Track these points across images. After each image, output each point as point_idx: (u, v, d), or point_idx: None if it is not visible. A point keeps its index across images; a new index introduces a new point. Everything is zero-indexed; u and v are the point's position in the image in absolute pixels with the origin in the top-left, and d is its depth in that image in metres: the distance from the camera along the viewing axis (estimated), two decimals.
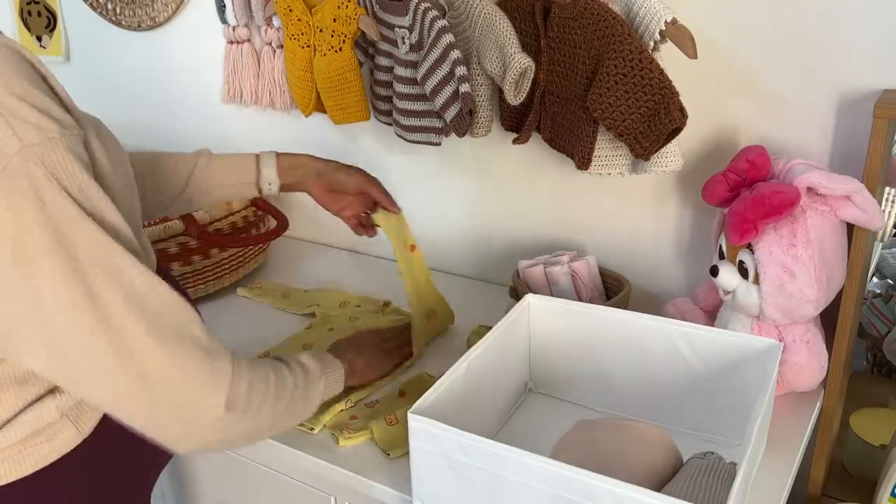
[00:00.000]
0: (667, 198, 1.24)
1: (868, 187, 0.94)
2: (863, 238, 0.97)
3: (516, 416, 1.06)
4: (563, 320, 1.04)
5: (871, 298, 1.16)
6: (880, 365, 1.20)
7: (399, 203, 1.21)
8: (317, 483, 1.04)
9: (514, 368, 1.06)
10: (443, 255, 1.52)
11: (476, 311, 1.33)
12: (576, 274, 1.20)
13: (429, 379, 1.11)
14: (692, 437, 0.98)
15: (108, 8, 1.74)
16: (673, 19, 1.01)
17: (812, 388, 1.04)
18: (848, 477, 1.13)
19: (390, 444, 0.97)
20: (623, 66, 1.02)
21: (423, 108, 1.24)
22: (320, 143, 1.58)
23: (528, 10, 1.15)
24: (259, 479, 1.12)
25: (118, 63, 1.82)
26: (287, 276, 1.50)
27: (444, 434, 0.79)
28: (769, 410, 0.91)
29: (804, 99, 1.07)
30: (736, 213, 0.97)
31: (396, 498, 0.92)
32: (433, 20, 1.14)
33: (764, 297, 0.98)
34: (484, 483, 0.79)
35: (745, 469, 0.74)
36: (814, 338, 1.02)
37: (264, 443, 1.03)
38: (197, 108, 1.73)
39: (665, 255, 1.28)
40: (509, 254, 1.43)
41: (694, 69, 1.04)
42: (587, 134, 1.12)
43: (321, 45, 1.32)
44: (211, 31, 1.60)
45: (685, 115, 1.01)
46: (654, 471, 0.79)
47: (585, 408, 1.06)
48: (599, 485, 0.70)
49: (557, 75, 1.14)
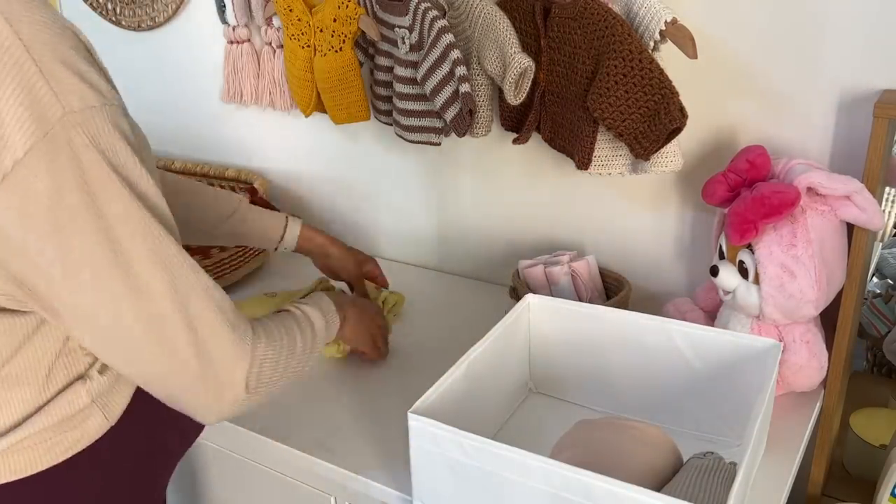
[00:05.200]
0: (667, 198, 1.24)
1: (868, 187, 0.94)
2: (863, 238, 0.97)
3: (516, 416, 1.06)
4: (563, 320, 1.04)
5: (871, 298, 1.16)
6: (880, 365, 1.20)
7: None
8: (317, 483, 1.04)
9: (514, 368, 1.06)
10: (443, 255, 1.52)
11: (476, 311, 1.33)
12: (576, 274, 1.20)
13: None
14: (692, 437, 0.98)
15: (108, 8, 1.74)
16: (673, 19, 1.01)
17: (812, 388, 1.04)
18: (848, 477, 1.13)
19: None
20: (623, 66, 1.02)
21: (424, 108, 1.24)
22: (320, 143, 1.58)
23: (528, 10, 1.15)
24: (259, 479, 1.12)
25: (118, 63, 1.81)
26: (287, 276, 1.50)
27: (444, 434, 0.79)
28: (769, 410, 0.91)
29: (804, 99, 1.07)
30: (736, 213, 0.97)
31: (396, 498, 0.92)
32: (433, 20, 1.14)
33: (764, 297, 0.98)
34: (484, 483, 0.79)
35: (745, 469, 0.74)
36: (814, 338, 1.02)
37: (264, 443, 1.04)
38: (197, 108, 1.73)
39: (665, 255, 1.28)
40: (509, 254, 1.43)
41: (694, 69, 1.04)
42: (587, 134, 1.12)
43: (321, 45, 1.32)
44: (211, 31, 1.60)
45: (685, 115, 1.02)
46: (654, 471, 0.79)
47: (585, 408, 1.06)
48: (599, 485, 0.70)
49: (557, 75, 1.14)
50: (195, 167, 1.69)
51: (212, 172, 1.66)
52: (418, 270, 1.54)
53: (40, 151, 0.62)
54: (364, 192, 1.57)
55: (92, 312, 0.68)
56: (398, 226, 1.55)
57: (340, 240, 1.25)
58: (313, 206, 1.67)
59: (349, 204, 1.61)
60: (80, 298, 0.67)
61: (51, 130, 0.62)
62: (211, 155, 1.75)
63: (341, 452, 0.99)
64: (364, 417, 1.07)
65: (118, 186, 0.65)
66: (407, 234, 1.55)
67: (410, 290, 1.45)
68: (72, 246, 0.64)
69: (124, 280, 0.67)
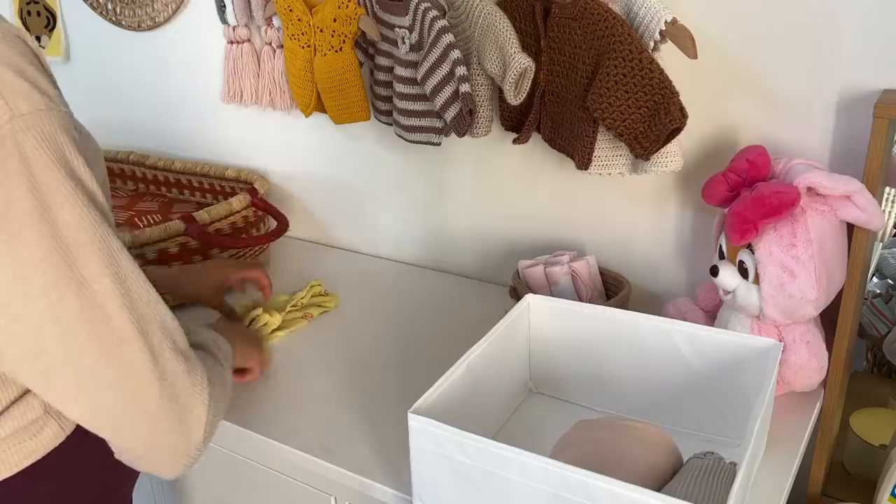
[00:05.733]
0: (667, 198, 1.24)
1: (868, 187, 0.94)
2: (863, 238, 0.97)
3: (516, 416, 1.06)
4: (563, 320, 1.04)
5: (871, 298, 1.16)
6: (880, 365, 1.20)
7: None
8: (317, 483, 1.04)
9: (514, 368, 1.06)
10: (443, 255, 1.52)
11: (476, 311, 1.33)
12: (576, 274, 1.20)
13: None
14: (692, 437, 0.98)
15: (108, 8, 1.74)
16: (673, 19, 1.01)
17: (812, 388, 1.04)
18: (848, 477, 1.13)
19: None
20: (623, 66, 1.02)
21: (424, 108, 1.24)
22: (320, 143, 1.58)
23: (528, 10, 1.15)
24: (259, 479, 1.12)
25: (118, 63, 1.82)
26: (287, 276, 1.50)
27: (444, 434, 0.79)
28: (769, 410, 0.91)
29: (804, 99, 1.07)
30: (736, 213, 0.97)
31: (396, 498, 0.92)
32: (433, 20, 1.14)
33: (764, 297, 0.98)
34: (484, 483, 0.79)
35: (745, 469, 0.74)
36: (814, 338, 1.02)
37: (264, 443, 1.04)
38: (197, 108, 1.73)
39: (665, 255, 1.28)
40: (509, 254, 1.43)
41: (694, 69, 1.04)
42: (587, 134, 1.12)
43: (321, 45, 1.32)
44: (211, 31, 1.60)
45: (685, 116, 1.01)
46: (654, 471, 0.79)
47: (585, 408, 1.06)
48: (599, 485, 0.70)
49: (557, 75, 1.14)
50: (195, 167, 1.69)
51: (212, 172, 1.66)
52: (418, 270, 1.54)
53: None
54: (364, 192, 1.57)
55: (41, 323, 0.65)
56: (398, 226, 1.55)
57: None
58: (313, 206, 1.67)
59: (349, 204, 1.61)
60: (31, 309, 0.64)
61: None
62: (211, 155, 1.75)
63: (341, 452, 0.99)
64: (364, 417, 1.07)
65: (70, 189, 0.64)
66: (407, 234, 1.55)
67: (410, 290, 1.45)
68: (22, 252, 0.63)
69: (77, 288, 0.65)
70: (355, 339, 1.28)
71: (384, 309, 1.38)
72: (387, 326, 1.32)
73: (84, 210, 0.65)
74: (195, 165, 1.69)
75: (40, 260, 0.63)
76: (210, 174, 1.67)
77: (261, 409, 1.10)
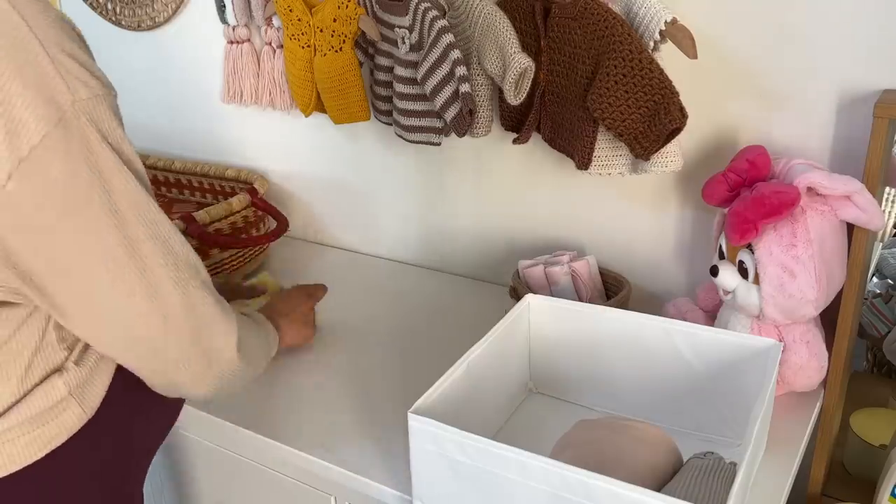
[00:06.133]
0: (667, 198, 1.24)
1: (868, 187, 0.94)
2: (863, 238, 0.97)
3: (516, 416, 1.06)
4: (563, 320, 1.04)
5: (871, 298, 1.16)
6: (880, 365, 1.20)
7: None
8: (317, 483, 1.04)
9: (514, 368, 1.06)
10: (443, 255, 1.52)
11: (476, 311, 1.33)
12: (576, 274, 1.20)
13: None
14: (692, 437, 0.98)
15: (108, 8, 1.74)
16: (673, 19, 1.01)
17: (812, 388, 1.04)
18: (848, 477, 1.13)
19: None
20: (623, 66, 1.02)
21: (424, 108, 1.24)
22: (320, 143, 1.58)
23: (528, 10, 1.15)
24: (259, 479, 1.12)
25: (118, 63, 1.82)
26: (287, 276, 1.50)
27: (444, 434, 0.79)
28: (769, 410, 0.91)
29: (804, 99, 1.07)
30: (736, 213, 0.97)
31: (396, 498, 0.92)
32: (433, 20, 1.14)
33: (764, 297, 0.98)
34: (484, 483, 0.79)
35: (745, 469, 0.74)
36: (814, 338, 1.02)
37: (264, 443, 1.04)
38: (197, 108, 1.73)
39: (665, 255, 1.28)
40: (509, 254, 1.43)
41: (694, 69, 1.04)
42: (587, 134, 1.12)
43: (321, 45, 1.32)
44: (211, 31, 1.60)
45: (685, 116, 1.01)
46: (654, 471, 0.79)
47: (585, 408, 1.06)
48: (599, 485, 0.70)
49: (557, 75, 1.14)
50: (195, 167, 1.69)
51: (212, 172, 1.66)
52: (418, 270, 1.54)
53: (55, 138, 0.65)
54: (364, 192, 1.57)
55: (98, 289, 0.72)
56: (398, 226, 1.55)
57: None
58: (313, 206, 1.67)
59: (349, 204, 1.61)
60: (87, 276, 0.71)
61: (63, 117, 0.66)
62: (211, 155, 1.75)
63: (341, 452, 0.99)
64: (364, 417, 1.07)
65: (122, 168, 0.71)
66: (407, 234, 1.55)
67: (410, 290, 1.45)
68: (88, 226, 0.69)
69: (130, 255, 0.71)
70: (355, 339, 1.28)
71: (384, 309, 1.38)
72: (387, 326, 1.32)
73: (133, 184, 0.72)
74: (195, 165, 1.69)
75: (102, 229, 0.70)
76: (210, 174, 1.67)
77: (261, 409, 1.10)
